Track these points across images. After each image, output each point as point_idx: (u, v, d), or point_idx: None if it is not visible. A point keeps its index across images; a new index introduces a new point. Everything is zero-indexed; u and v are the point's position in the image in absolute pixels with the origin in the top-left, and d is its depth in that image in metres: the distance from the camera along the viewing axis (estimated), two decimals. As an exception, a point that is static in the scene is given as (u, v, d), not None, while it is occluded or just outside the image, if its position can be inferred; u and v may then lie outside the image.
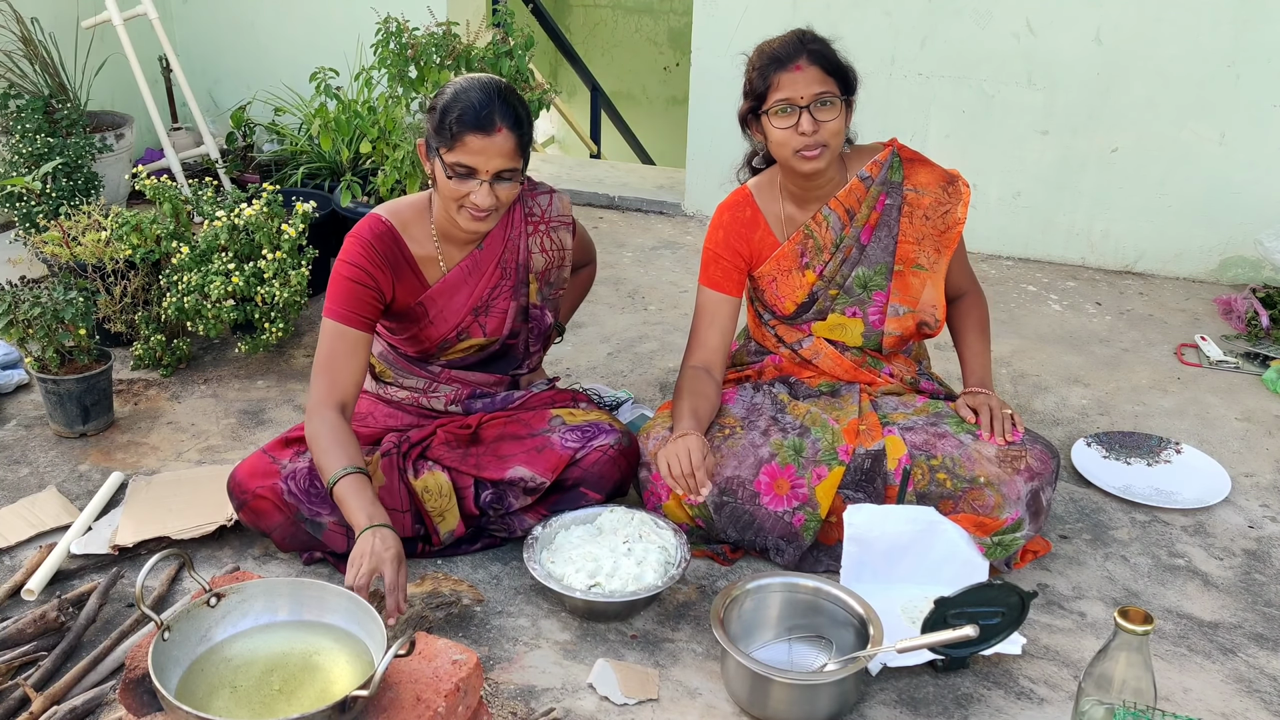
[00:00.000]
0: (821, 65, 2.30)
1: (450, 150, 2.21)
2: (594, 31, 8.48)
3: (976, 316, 2.62)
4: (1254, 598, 2.41)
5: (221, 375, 3.27)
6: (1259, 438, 3.06)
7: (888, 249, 2.47)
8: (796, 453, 2.40)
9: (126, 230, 3.22)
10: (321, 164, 4.29)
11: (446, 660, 1.74)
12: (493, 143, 2.19)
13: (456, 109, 2.19)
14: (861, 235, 2.46)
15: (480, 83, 2.24)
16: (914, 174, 2.46)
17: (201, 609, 1.72)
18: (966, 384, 2.55)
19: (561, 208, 2.53)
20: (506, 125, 2.19)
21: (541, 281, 2.52)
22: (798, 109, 2.28)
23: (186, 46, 5.09)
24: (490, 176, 2.22)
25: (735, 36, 4.29)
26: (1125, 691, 1.68)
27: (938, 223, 2.45)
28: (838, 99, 2.31)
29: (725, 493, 2.38)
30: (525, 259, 2.48)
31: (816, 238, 2.47)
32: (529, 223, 2.48)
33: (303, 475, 2.33)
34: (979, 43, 4.04)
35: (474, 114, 2.18)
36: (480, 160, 2.20)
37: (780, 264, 2.51)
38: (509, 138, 2.20)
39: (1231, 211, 3.96)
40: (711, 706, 2.05)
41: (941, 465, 2.35)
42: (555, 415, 2.49)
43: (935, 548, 2.25)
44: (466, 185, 2.23)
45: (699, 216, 4.59)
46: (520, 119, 2.23)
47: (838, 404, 2.51)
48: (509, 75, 3.71)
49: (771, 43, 2.38)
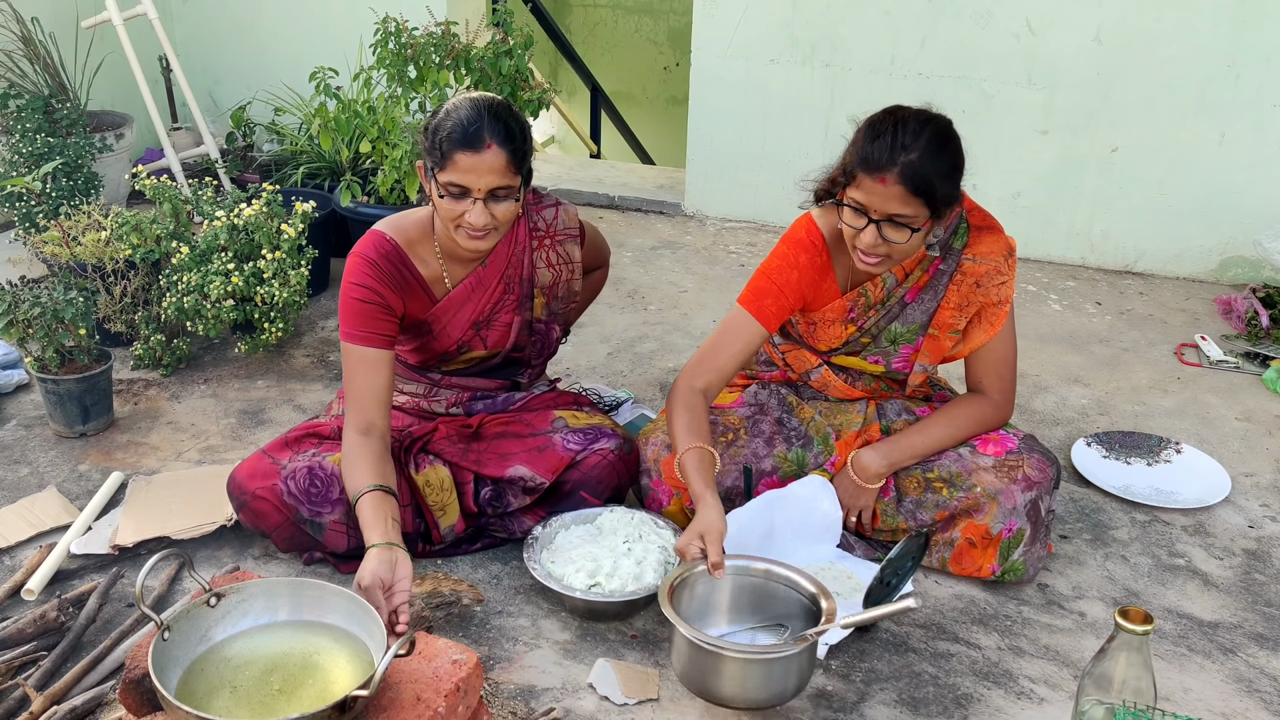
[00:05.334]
0: (910, 185, 2.06)
1: (442, 169, 2.16)
2: (594, 31, 8.48)
3: (965, 414, 2.40)
4: (1254, 597, 2.41)
5: (221, 375, 3.27)
6: (1259, 437, 3.06)
7: (928, 311, 2.36)
8: (799, 467, 2.40)
9: (126, 230, 3.22)
10: (321, 164, 4.29)
11: (446, 660, 1.74)
12: (483, 160, 2.13)
13: (446, 127, 2.15)
14: (907, 295, 2.36)
15: (471, 100, 2.19)
16: (977, 242, 2.32)
17: (201, 609, 1.72)
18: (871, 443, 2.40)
19: (568, 220, 2.49)
20: (496, 141, 2.13)
21: (549, 296, 2.48)
22: (868, 218, 2.12)
23: (186, 46, 5.09)
24: (484, 195, 2.16)
25: (735, 36, 4.29)
26: (1125, 691, 1.68)
27: (990, 292, 2.32)
28: (914, 227, 2.10)
29: (724, 501, 2.37)
30: (530, 274, 2.44)
31: (869, 296, 2.36)
32: (534, 237, 2.44)
33: (302, 475, 2.33)
34: (979, 43, 4.04)
35: (462, 131, 2.13)
36: (472, 178, 2.14)
37: (828, 315, 2.41)
38: (499, 154, 2.14)
39: (1231, 211, 3.96)
40: (711, 707, 2.04)
41: (939, 476, 2.35)
42: (559, 416, 2.49)
43: (794, 513, 2.32)
44: (461, 205, 2.18)
45: (699, 216, 4.59)
46: (512, 134, 2.16)
47: (844, 408, 2.50)
48: (509, 75, 3.72)
49: (878, 127, 2.12)
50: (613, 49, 8.46)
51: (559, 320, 2.55)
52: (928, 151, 2.07)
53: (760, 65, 4.29)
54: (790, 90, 4.31)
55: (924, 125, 2.10)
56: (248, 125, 4.63)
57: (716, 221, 4.53)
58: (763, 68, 4.28)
